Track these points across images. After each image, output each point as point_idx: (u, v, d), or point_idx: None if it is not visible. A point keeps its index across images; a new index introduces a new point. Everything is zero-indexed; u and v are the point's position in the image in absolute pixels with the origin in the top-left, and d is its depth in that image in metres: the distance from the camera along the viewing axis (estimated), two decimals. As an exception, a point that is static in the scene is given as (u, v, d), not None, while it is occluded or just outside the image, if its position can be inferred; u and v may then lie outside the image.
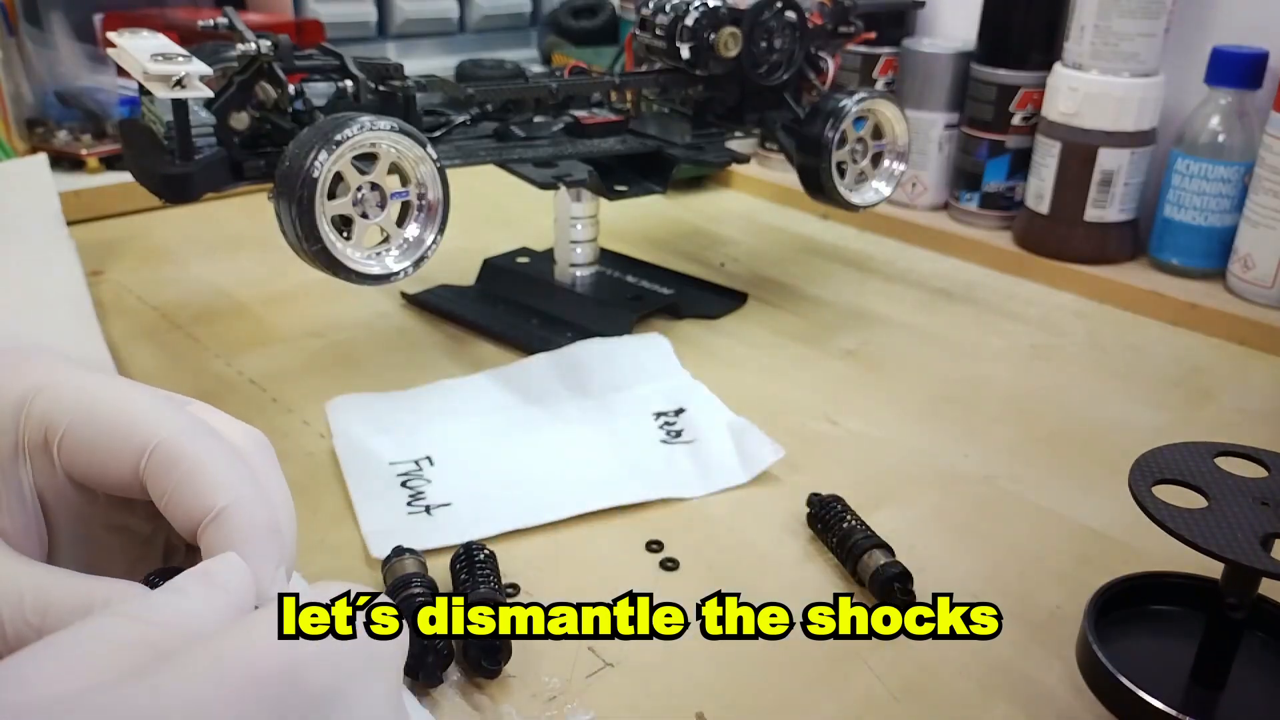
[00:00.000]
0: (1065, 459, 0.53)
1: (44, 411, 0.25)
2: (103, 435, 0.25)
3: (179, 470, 0.24)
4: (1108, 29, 0.71)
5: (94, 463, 0.25)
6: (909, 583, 0.41)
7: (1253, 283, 0.69)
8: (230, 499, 0.24)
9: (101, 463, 0.25)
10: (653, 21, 0.62)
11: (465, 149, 0.56)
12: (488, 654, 0.36)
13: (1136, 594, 0.40)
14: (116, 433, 0.25)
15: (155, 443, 0.24)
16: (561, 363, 0.58)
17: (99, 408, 0.25)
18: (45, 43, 0.87)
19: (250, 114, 0.49)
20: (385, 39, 1.10)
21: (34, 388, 0.25)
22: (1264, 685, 0.38)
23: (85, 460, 0.25)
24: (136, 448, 0.25)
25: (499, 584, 0.39)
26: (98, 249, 0.74)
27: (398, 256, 0.49)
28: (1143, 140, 0.74)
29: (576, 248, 0.66)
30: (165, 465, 0.24)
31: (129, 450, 0.25)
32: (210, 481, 0.24)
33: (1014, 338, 0.67)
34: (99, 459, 0.25)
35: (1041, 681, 0.38)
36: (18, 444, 0.25)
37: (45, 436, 0.25)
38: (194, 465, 0.24)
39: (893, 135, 0.65)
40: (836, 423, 0.56)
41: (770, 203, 0.92)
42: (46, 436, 0.25)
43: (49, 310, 0.60)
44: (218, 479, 0.24)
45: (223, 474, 0.24)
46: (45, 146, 0.83)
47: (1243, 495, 0.36)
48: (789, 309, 0.70)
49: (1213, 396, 0.60)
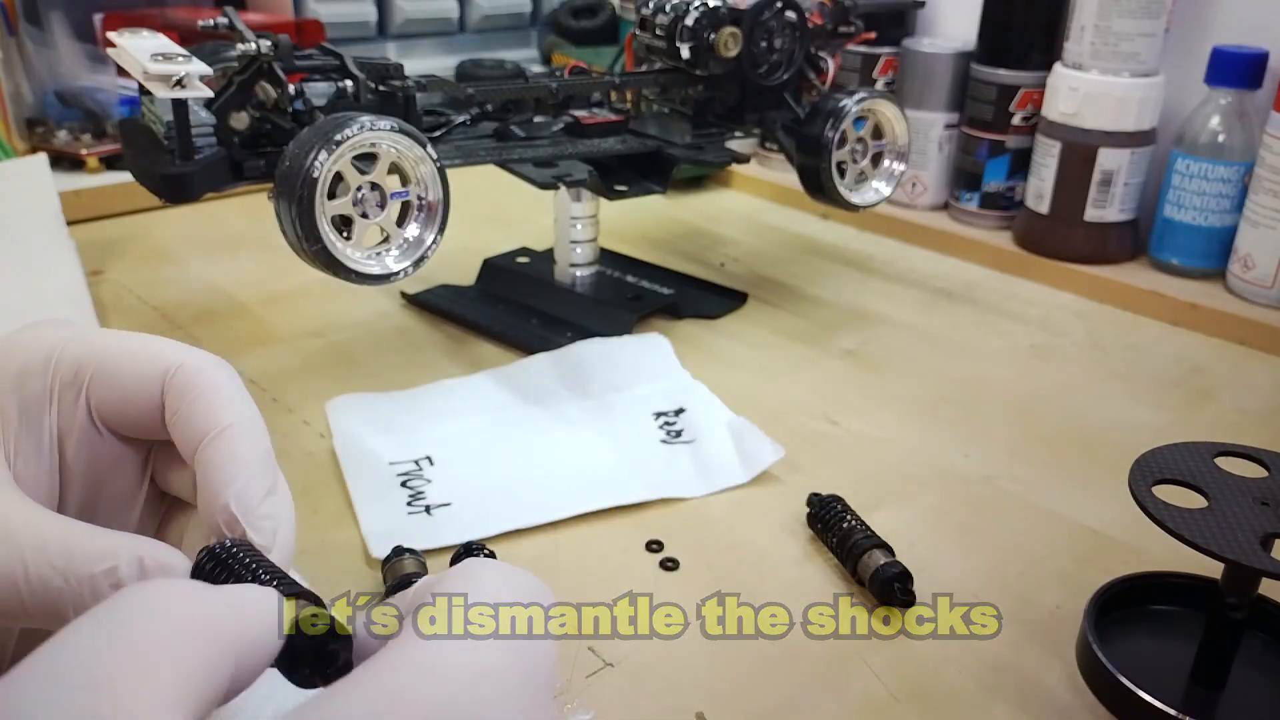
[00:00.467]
0: (1065, 459, 0.53)
1: (76, 353, 0.27)
2: (131, 362, 0.27)
3: (196, 389, 0.26)
4: (1108, 29, 0.71)
5: (120, 387, 0.27)
6: (909, 582, 0.41)
7: (1253, 283, 0.69)
8: (235, 419, 0.26)
9: (127, 387, 0.27)
10: (653, 21, 0.62)
11: (465, 149, 0.56)
12: None
13: (1136, 594, 0.40)
14: (144, 357, 0.27)
15: (179, 363, 0.27)
16: (561, 363, 0.58)
17: (126, 343, 0.27)
18: (45, 42, 0.87)
19: (250, 114, 0.49)
20: (385, 39, 1.10)
21: (64, 337, 0.27)
22: (1264, 685, 0.38)
23: (112, 387, 0.27)
24: (161, 369, 0.27)
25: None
26: (98, 249, 0.74)
27: (398, 256, 0.49)
28: (1143, 140, 0.74)
29: (576, 248, 0.66)
30: (184, 384, 0.26)
31: (155, 370, 0.27)
32: (223, 400, 0.26)
33: (1014, 338, 0.67)
34: (126, 384, 0.27)
35: (1041, 681, 0.38)
36: (47, 388, 0.27)
37: (77, 373, 0.27)
38: (210, 386, 0.26)
39: (893, 135, 0.65)
40: (836, 423, 0.56)
41: (770, 203, 0.92)
42: (79, 373, 0.27)
43: (50, 310, 0.60)
44: (230, 398, 0.26)
45: (234, 396, 0.26)
46: (45, 146, 0.83)
47: (1243, 495, 0.36)
48: (789, 309, 0.70)
49: (1213, 396, 0.60)
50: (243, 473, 0.25)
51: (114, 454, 0.28)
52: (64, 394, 0.27)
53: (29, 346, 0.27)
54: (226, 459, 0.25)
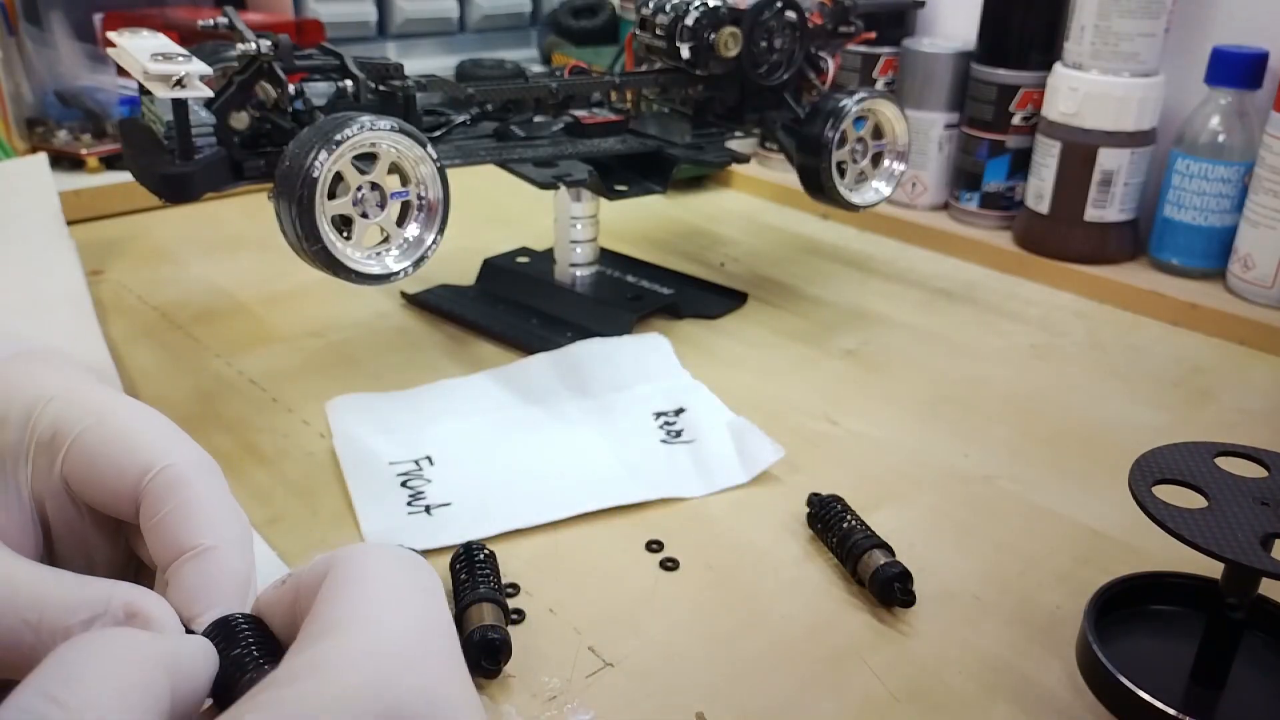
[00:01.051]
0: (1065, 459, 0.53)
1: (57, 414, 0.25)
2: (111, 446, 0.25)
3: (178, 498, 0.24)
4: (1108, 29, 0.71)
5: (96, 472, 0.25)
6: (909, 582, 0.41)
7: (1253, 283, 0.69)
8: (218, 540, 0.24)
9: (103, 474, 0.25)
10: (653, 21, 0.62)
11: (465, 149, 0.56)
12: (487, 653, 0.36)
13: (1136, 594, 0.40)
14: (126, 446, 0.25)
15: (163, 465, 0.25)
16: (561, 363, 0.58)
17: (112, 420, 0.25)
18: (45, 42, 0.87)
19: (250, 114, 0.49)
20: (385, 39, 1.10)
21: (49, 392, 0.26)
22: (1264, 685, 0.38)
23: (88, 468, 0.25)
24: (143, 465, 0.25)
25: (499, 584, 0.39)
26: (98, 249, 0.74)
27: (398, 256, 0.49)
28: (1143, 140, 0.74)
29: (576, 247, 0.66)
30: (165, 489, 0.24)
31: (135, 466, 0.25)
32: (205, 516, 0.24)
33: (1014, 338, 0.67)
34: (102, 469, 0.25)
35: (1041, 681, 0.38)
36: (23, 443, 0.25)
37: (54, 439, 0.25)
38: (194, 497, 0.24)
39: (893, 135, 0.65)
40: (836, 422, 0.56)
41: (770, 202, 0.92)
42: (55, 439, 0.25)
43: (50, 310, 0.60)
44: (214, 516, 0.24)
45: (217, 512, 0.25)
46: (45, 146, 0.83)
47: (1243, 495, 0.36)
48: (789, 309, 0.70)
49: (1213, 396, 0.60)
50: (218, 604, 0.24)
51: (93, 520, 0.26)
52: (38, 457, 0.25)
53: (11, 389, 0.26)
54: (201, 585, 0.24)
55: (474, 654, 0.36)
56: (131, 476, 0.25)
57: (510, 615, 0.40)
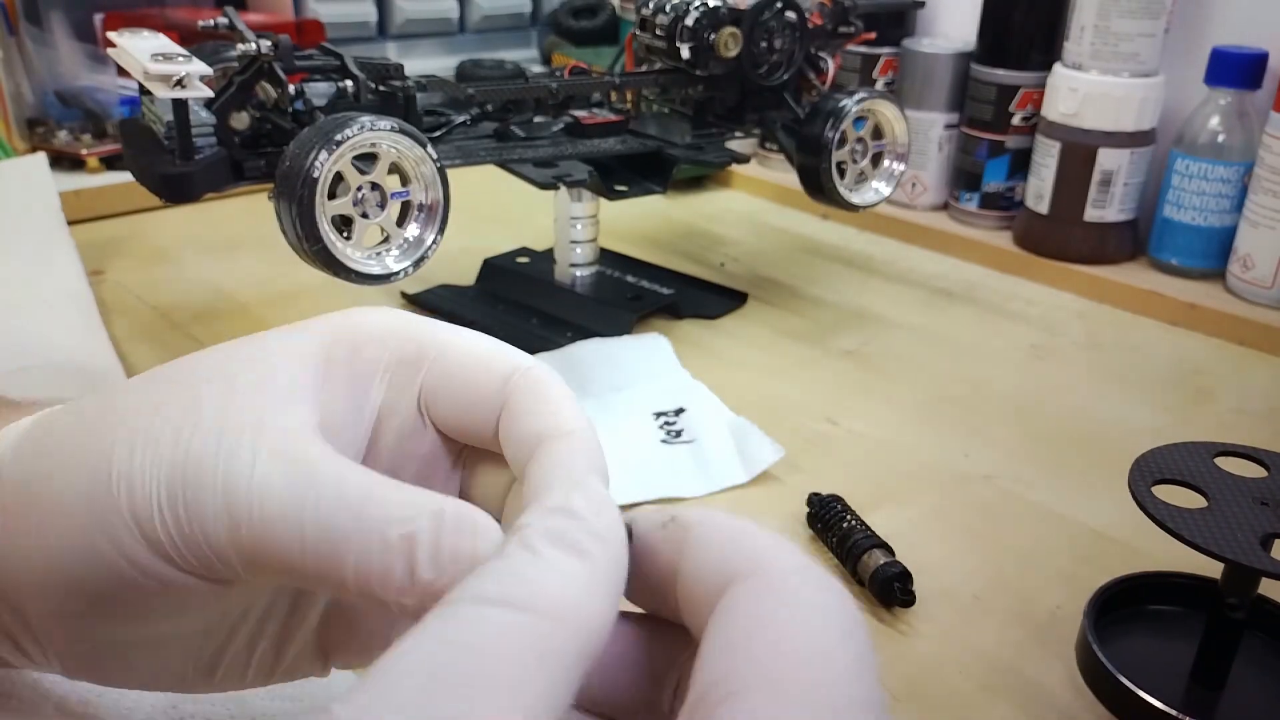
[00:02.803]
0: (1065, 459, 0.53)
1: (417, 336, 0.25)
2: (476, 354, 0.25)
3: (541, 392, 0.24)
4: (1107, 29, 0.71)
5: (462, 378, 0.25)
6: (909, 582, 0.41)
7: (1252, 283, 0.69)
8: (581, 426, 0.24)
9: (471, 377, 0.25)
10: (653, 22, 0.62)
11: (465, 149, 0.56)
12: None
13: (1136, 594, 0.40)
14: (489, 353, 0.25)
15: (527, 367, 0.25)
16: (561, 363, 0.58)
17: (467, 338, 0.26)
18: (45, 42, 0.87)
19: (250, 114, 0.49)
20: (385, 39, 1.10)
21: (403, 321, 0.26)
22: (1264, 685, 0.38)
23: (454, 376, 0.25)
24: (506, 369, 0.25)
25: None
26: (98, 249, 0.74)
27: (398, 256, 0.49)
28: (1142, 140, 0.74)
29: (576, 248, 0.66)
30: (534, 383, 0.25)
31: (503, 365, 0.25)
32: (567, 407, 0.24)
33: (1014, 338, 0.67)
34: (471, 372, 0.25)
35: (1041, 681, 0.38)
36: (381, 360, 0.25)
37: (418, 353, 0.25)
38: (556, 394, 0.24)
39: (893, 135, 0.65)
40: (836, 423, 0.56)
41: (770, 203, 0.92)
42: (419, 353, 0.25)
43: (54, 309, 0.60)
44: (573, 408, 0.24)
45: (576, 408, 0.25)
46: (45, 146, 0.83)
47: (1242, 495, 0.36)
48: (789, 309, 0.70)
49: (1212, 396, 0.60)
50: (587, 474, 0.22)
51: (429, 450, 0.26)
52: (399, 371, 0.25)
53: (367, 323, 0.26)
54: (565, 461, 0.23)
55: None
56: (499, 374, 0.25)
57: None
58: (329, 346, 0.25)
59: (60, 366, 0.53)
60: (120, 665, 0.25)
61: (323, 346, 0.25)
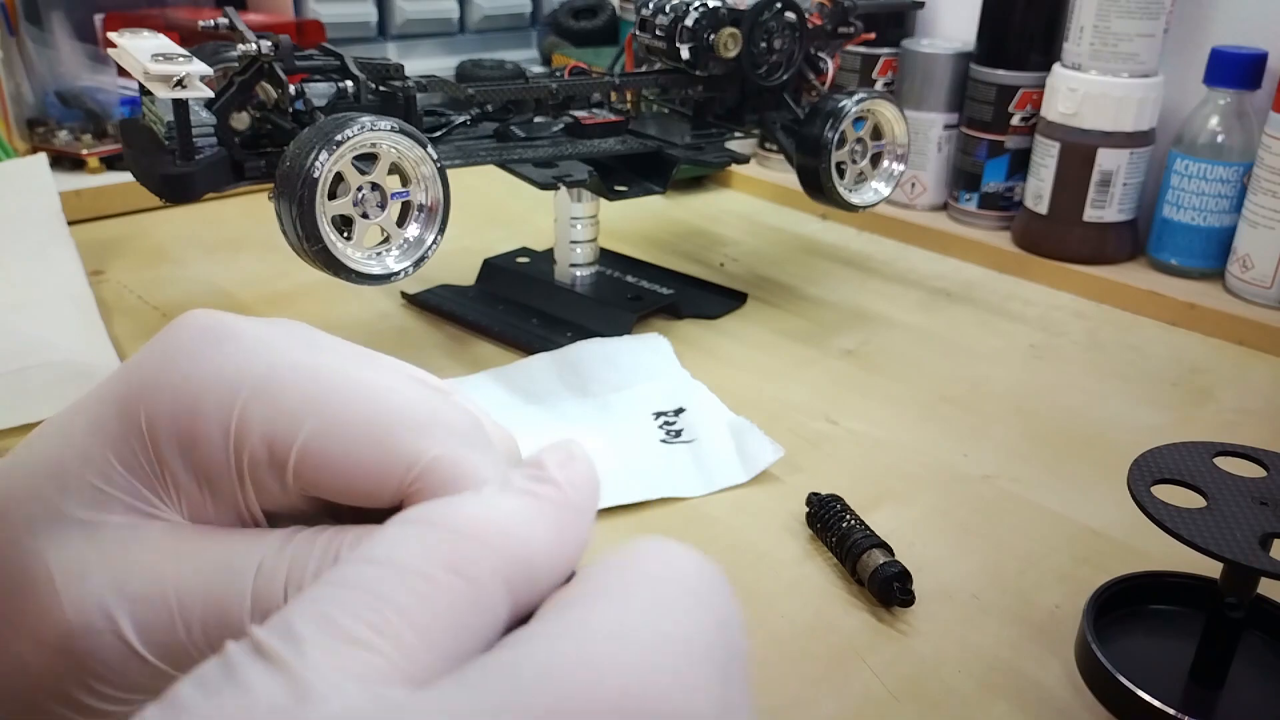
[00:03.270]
0: (1064, 459, 0.53)
1: (265, 420, 0.20)
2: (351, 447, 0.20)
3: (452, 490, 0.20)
4: (1107, 29, 0.71)
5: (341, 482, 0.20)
6: (908, 582, 0.41)
7: (1251, 283, 0.69)
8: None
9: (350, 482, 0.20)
10: (652, 22, 0.62)
11: (466, 149, 0.56)
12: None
13: (1135, 593, 0.40)
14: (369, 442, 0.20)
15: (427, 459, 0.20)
16: (561, 362, 0.58)
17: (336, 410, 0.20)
18: (46, 43, 0.87)
19: (251, 114, 0.49)
20: (385, 39, 1.10)
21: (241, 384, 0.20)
22: (1263, 684, 0.38)
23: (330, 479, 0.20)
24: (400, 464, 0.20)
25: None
26: (98, 249, 0.74)
27: (398, 256, 0.49)
28: (1141, 140, 0.74)
29: (576, 248, 0.66)
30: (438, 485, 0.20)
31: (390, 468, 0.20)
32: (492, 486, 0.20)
33: (1013, 338, 0.67)
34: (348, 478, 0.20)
35: (1041, 681, 0.38)
36: (229, 464, 0.20)
37: (272, 455, 0.20)
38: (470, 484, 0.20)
39: (892, 136, 0.65)
40: (836, 422, 0.56)
41: (770, 203, 0.92)
42: (274, 454, 0.20)
43: (54, 309, 0.60)
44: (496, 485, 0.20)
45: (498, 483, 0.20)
46: (46, 146, 0.83)
47: (1241, 495, 0.36)
48: (789, 309, 0.70)
49: (1211, 396, 0.60)
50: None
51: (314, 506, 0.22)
52: (260, 478, 0.20)
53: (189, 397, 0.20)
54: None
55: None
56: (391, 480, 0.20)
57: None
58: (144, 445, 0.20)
59: (60, 367, 0.53)
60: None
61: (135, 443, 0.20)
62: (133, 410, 0.20)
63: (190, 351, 0.20)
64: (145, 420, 0.20)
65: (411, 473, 0.20)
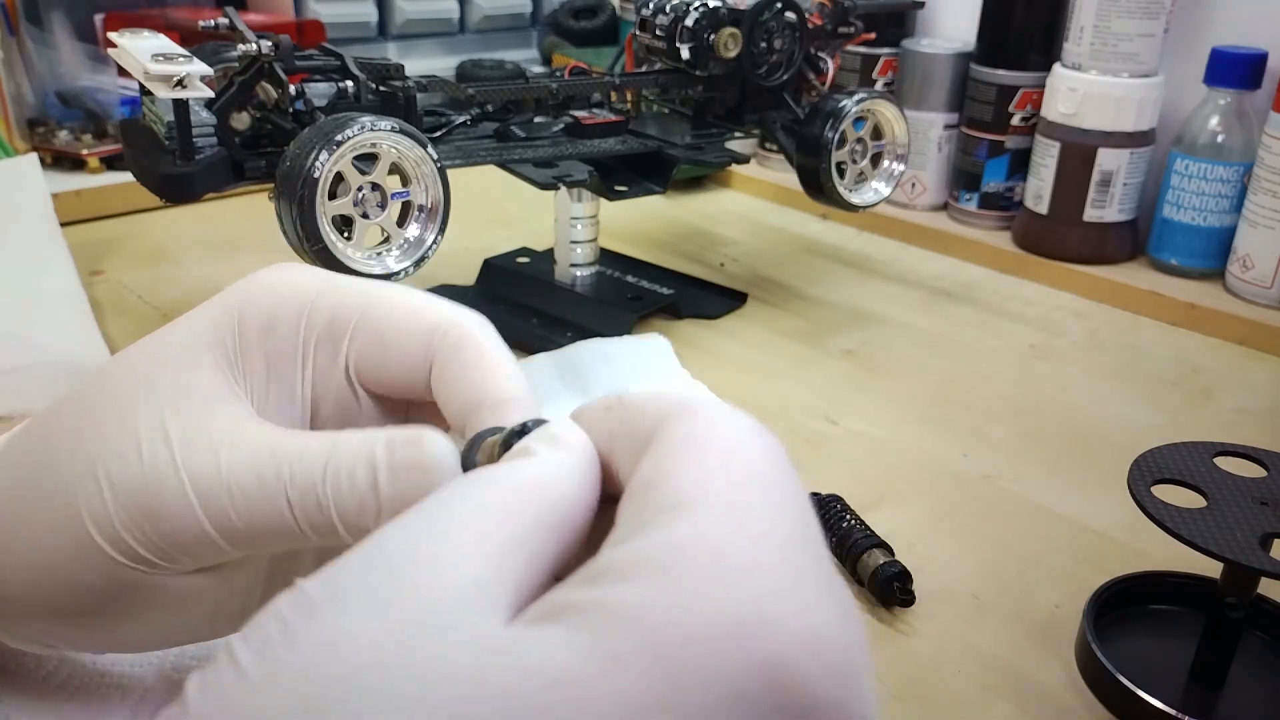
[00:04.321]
0: (1064, 459, 0.53)
1: (332, 306, 0.25)
2: (396, 319, 0.24)
3: (470, 352, 0.24)
4: (1107, 29, 0.71)
5: (385, 347, 0.24)
6: (908, 582, 0.41)
7: (1252, 283, 0.69)
8: (516, 392, 0.24)
9: (392, 346, 0.24)
10: (653, 22, 0.62)
11: (466, 149, 0.56)
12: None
13: (1136, 593, 0.40)
14: (410, 315, 0.24)
15: (450, 324, 0.24)
16: (561, 363, 0.58)
17: (388, 297, 0.25)
18: (46, 43, 0.87)
19: (251, 114, 0.49)
20: (386, 39, 1.10)
21: (315, 286, 0.25)
22: (1263, 685, 0.38)
23: (377, 347, 0.24)
24: (430, 325, 0.24)
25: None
26: (98, 248, 0.74)
27: (398, 256, 0.49)
28: (1142, 140, 0.74)
29: (577, 248, 0.66)
30: (457, 346, 0.24)
31: (423, 328, 0.24)
32: (502, 370, 0.24)
33: (1013, 338, 0.67)
34: (390, 342, 0.24)
35: (1041, 681, 0.38)
36: (299, 342, 0.25)
37: (333, 328, 0.25)
38: (487, 350, 0.24)
39: (892, 135, 0.65)
40: (836, 422, 0.56)
41: (770, 203, 0.92)
42: (335, 328, 0.25)
43: (48, 309, 0.60)
44: (508, 370, 0.24)
45: (511, 367, 0.24)
46: (46, 146, 0.83)
47: (1242, 495, 0.36)
48: (789, 309, 0.70)
49: (1212, 396, 0.60)
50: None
51: (369, 418, 0.26)
52: (319, 351, 0.25)
53: (277, 292, 0.25)
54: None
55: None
56: (420, 339, 0.24)
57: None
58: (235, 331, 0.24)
59: (54, 368, 0.53)
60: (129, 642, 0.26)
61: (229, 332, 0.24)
62: (232, 304, 0.25)
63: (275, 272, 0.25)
64: (240, 310, 0.24)
65: (438, 333, 0.24)
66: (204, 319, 0.25)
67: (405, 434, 0.22)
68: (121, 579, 0.23)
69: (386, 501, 0.22)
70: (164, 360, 0.24)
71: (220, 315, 0.25)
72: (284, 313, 0.24)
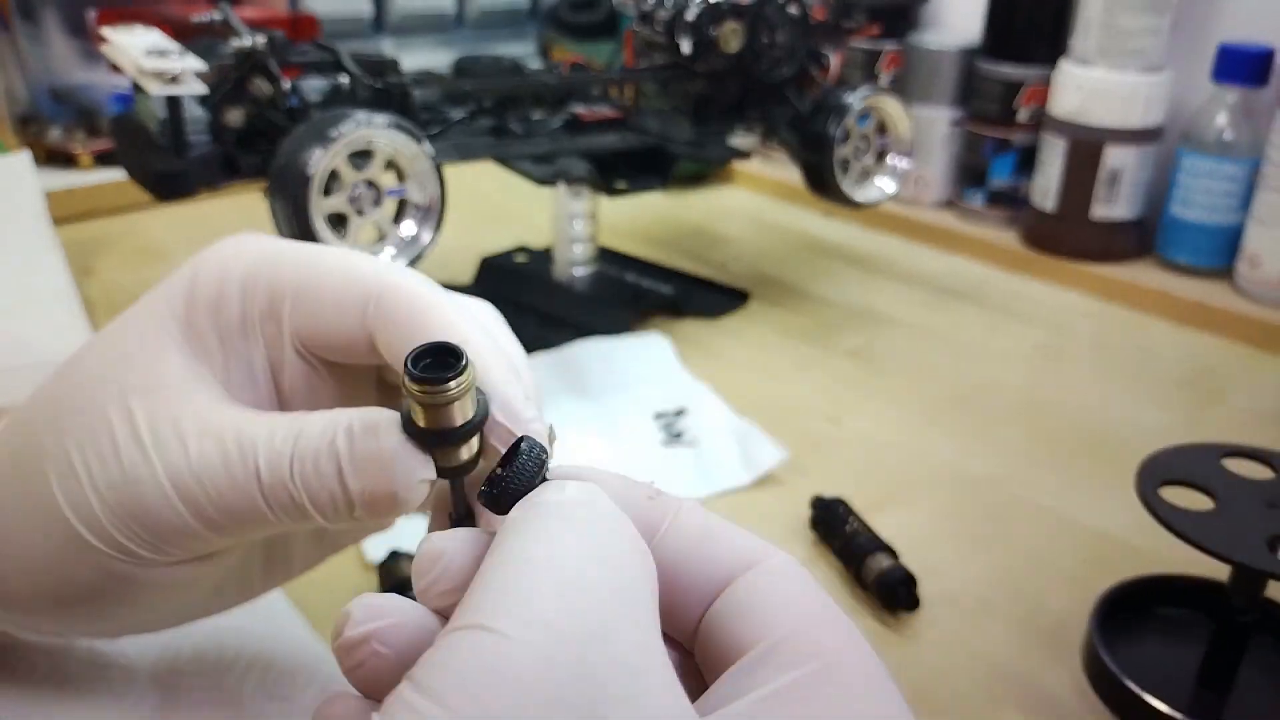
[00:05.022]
0: (1072, 460, 0.52)
1: (269, 279, 0.24)
2: (329, 288, 0.24)
3: (409, 308, 0.24)
4: (1114, 25, 0.71)
5: (321, 317, 0.24)
6: (913, 586, 0.40)
7: (1260, 281, 0.68)
8: (462, 336, 0.23)
9: (329, 316, 0.24)
10: (653, 16, 0.62)
11: (462, 145, 0.55)
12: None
13: (1143, 597, 0.40)
14: (342, 282, 0.24)
15: (383, 286, 0.24)
16: (561, 363, 0.57)
17: (323, 263, 0.25)
18: (38, 39, 0.87)
19: (245, 110, 0.49)
20: (381, 34, 1.09)
21: (255, 261, 0.25)
22: (1271, 689, 0.37)
23: (313, 316, 0.24)
24: (362, 293, 0.24)
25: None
26: (91, 246, 0.74)
27: (394, 254, 0.49)
28: (1149, 137, 0.73)
29: (575, 246, 0.66)
30: (394, 305, 0.24)
31: (355, 295, 0.24)
32: (442, 320, 0.23)
33: (1020, 337, 0.67)
34: (326, 311, 0.24)
35: (1047, 685, 0.37)
36: (244, 316, 0.24)
37: (272, 302, 0.24)
38: (426, 304, 0.24)
39: (897, 131, 0.64)
40: (840, 423, 0.55)
41: (773, 200, 0.92)
42: (273, 302, 0.24)
43: (40, 308, 0.60)
44: (448, 319, 0.24)
45: (452, 315, 0.24)
46: (38, 143, 0.83)
47: (1251, 497, 0.35)
48: (792, 308, 0.69)
49: (1221, 397, 0.60)
50: (497, 396, 0.23)
51: (334, 383, 0.26)
52: (265, 325, 0.25)
53: (225, 267, 0.25)
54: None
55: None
56: (355, 304, 0.24)
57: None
58: (189, 309, 0.24)
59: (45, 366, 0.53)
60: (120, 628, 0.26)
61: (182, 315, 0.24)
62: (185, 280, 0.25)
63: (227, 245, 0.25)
64: (191, 287, 0.25)
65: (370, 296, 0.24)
66: (161, 299, 0.25)
67: (363, 421, 0.22)
68: (117, 572, 0.23)
69: (356, 495, 0.22)
70: (129, 350, 0.24)
71: (176, 293, 0.25)
72: (229, 288, 0.25)
